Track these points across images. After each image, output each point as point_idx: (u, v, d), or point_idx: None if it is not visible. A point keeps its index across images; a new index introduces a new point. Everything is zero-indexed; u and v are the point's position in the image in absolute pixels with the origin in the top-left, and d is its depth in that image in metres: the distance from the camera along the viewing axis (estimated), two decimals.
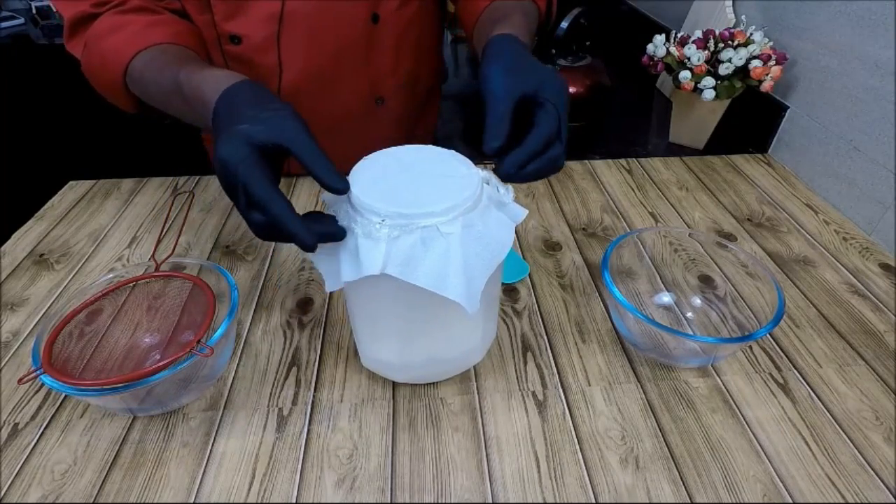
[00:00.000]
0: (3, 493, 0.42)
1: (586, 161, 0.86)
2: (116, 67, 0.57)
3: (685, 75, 0.83)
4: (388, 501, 0.41)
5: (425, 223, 0.36)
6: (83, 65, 0.60)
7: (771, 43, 0.82)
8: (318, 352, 0.53)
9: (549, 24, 0.70)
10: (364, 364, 0.50)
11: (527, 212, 0.42)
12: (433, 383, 0.50)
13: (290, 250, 0.66)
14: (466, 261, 0.37)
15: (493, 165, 0.41)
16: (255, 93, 0.42)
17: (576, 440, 0.45)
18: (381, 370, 0.49)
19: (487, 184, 0.41)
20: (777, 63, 0.80)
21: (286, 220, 0.36)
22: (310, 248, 0.36)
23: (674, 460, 0.44)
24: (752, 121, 0.91)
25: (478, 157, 0.42)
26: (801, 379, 0.50)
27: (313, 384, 0.50)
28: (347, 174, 0.40)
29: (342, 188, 0.37)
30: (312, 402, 0.48)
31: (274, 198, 0.36)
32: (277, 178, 0.39)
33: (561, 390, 0.49)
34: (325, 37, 0.69)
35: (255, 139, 0.37)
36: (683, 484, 0.42)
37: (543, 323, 0.56)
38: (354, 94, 0.76)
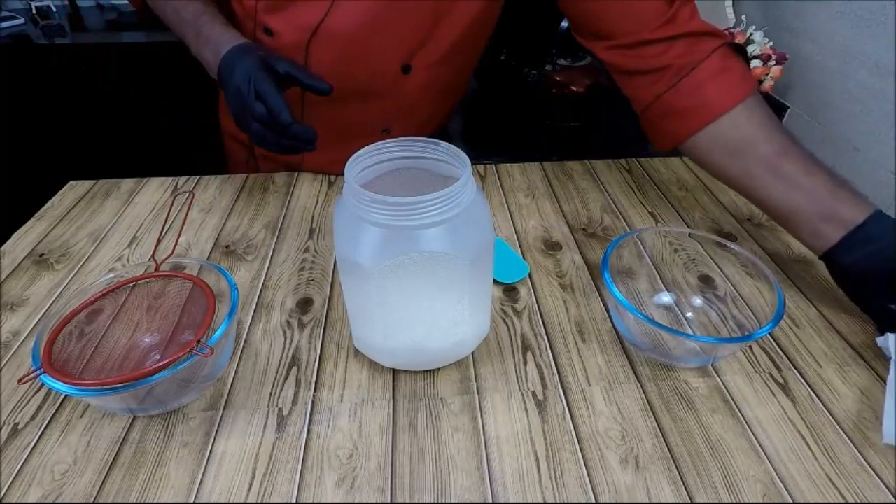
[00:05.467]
0: (3, 493, 0.42)
1: (586, 161, 0.86)
2: None
3: None
4: (388, 501, 0.41)
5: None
6: None
7: (771, 43, 0.82)
8: (318, 352, 0.53)
9: None
10: (355, 345, 0.51)
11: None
12: (433, 383, 0.50)
13: (289, 251, 0.66)
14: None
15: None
16: (260, 47, 0.62)
17: (576, 440, 0.45)
18: (370, 354, 0.50)
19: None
20: (777, 63, 0.80)
21: (277, 106, 0.55)
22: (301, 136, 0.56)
23: (674, 460, 0.44)
24: None
25: (477, 156, 0.42)
26: (801, 379, 0.50)
27: (313, 384, 0.50)
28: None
29: (328, 88, 0.59)
30: (312, 402, 0.48)
31: (273, 91, 0.56)
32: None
33: (561, 390, 0.49)
34: (350, 79, 0.70)
35: (268, 63, 0.58)
36: (683, 484, 0.42)
37: (543, 323, 0.56)
38: (373, 127, 0.78)
